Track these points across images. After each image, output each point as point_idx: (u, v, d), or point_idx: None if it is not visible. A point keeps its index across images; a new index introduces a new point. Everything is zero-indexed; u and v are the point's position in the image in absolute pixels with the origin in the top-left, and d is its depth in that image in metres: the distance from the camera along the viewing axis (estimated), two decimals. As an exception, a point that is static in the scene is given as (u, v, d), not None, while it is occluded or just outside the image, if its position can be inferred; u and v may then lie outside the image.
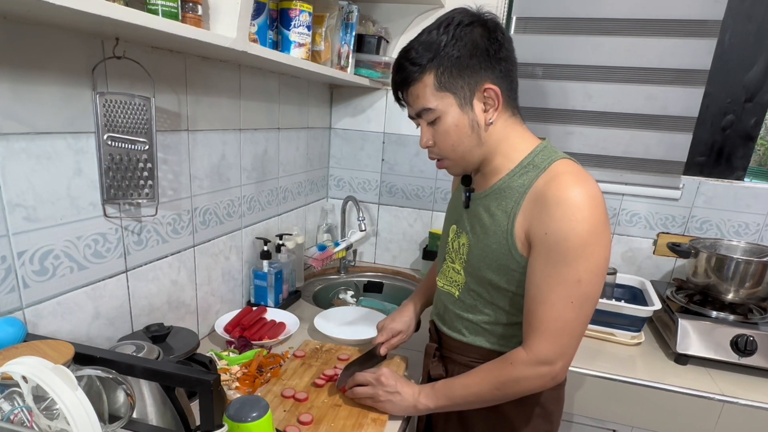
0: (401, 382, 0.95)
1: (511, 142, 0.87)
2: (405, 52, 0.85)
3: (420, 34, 0.84)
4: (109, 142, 0.84)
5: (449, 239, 0.99)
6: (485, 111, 0.84)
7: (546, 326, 0.80)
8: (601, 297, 1.40)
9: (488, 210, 0.88)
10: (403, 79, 0.85)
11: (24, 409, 0.51)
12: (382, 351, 1.10)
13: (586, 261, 0.77)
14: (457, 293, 0.96)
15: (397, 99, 0.90)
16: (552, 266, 0.78)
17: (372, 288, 1.84)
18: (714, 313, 1.33)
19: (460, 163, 0.89)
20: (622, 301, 1.39)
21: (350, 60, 1.44)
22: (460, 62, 0.81)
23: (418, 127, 0.90)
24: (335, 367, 1.08)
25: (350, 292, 1.78)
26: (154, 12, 0.74)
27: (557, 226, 0.76)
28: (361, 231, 1.70)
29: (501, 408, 0.92)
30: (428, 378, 1.06)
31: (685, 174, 1.57)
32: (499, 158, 0.87)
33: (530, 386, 0.84)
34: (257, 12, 1.03)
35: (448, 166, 0.91)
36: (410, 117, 0.90)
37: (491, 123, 0.84)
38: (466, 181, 0.98)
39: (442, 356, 1.03)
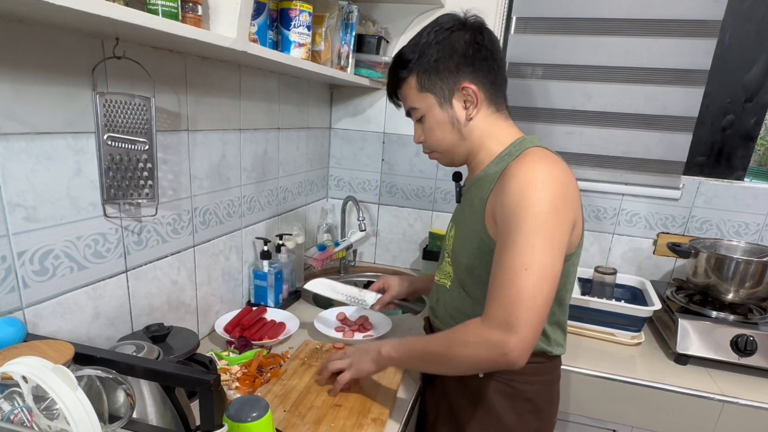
0: (365, 345, 0.99)
1: (494, 136, 0.92)
2: (397, 56, 0.93)
3: (412, 38, 0.91)
4: (109, 142, 0.84)
5: (447, 235, 1.03)
6: (465, 108, 0.90)
7: (500, 292, 0.76)
8: (601, 297, 1.40)
9: (470, 200, 0.93)
10: (392, 80, 0.95)
11: (24, 409, 0.51)
12: (376, 308, 1.21)
13: (540, 230, 0.75)
14: (448, 284, 0.99)
15: (392, 99, 0.99)
16: (507, 236, 0.78)
17: (372, 288, 1.84)
18: (714, 313, 1.33)
19: (447, 155, 0.96)
20: (622, 301, 1.39)
21: (350, 60, 1.44)
22: (438, 65, 0.87)
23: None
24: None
25: (350, 292, 1.78)
26: (154, 12, 0.74)
27: (512, 197, 0.78)
28: (361, 231, 1.70)
29: (491, 402, 0.93)
30: (424, 376, 1.09)
31: (685, 174, 1.57)
32: (483, 153, 0.92)
33: (477, 353, 0.77)
34: (257, 12, 1.03)
35: (438, 158, 0.99)
36: (406, 114, 0.98)
37: (471, 119, 0.90)
38: (456, 177, 1.06)
39: None
